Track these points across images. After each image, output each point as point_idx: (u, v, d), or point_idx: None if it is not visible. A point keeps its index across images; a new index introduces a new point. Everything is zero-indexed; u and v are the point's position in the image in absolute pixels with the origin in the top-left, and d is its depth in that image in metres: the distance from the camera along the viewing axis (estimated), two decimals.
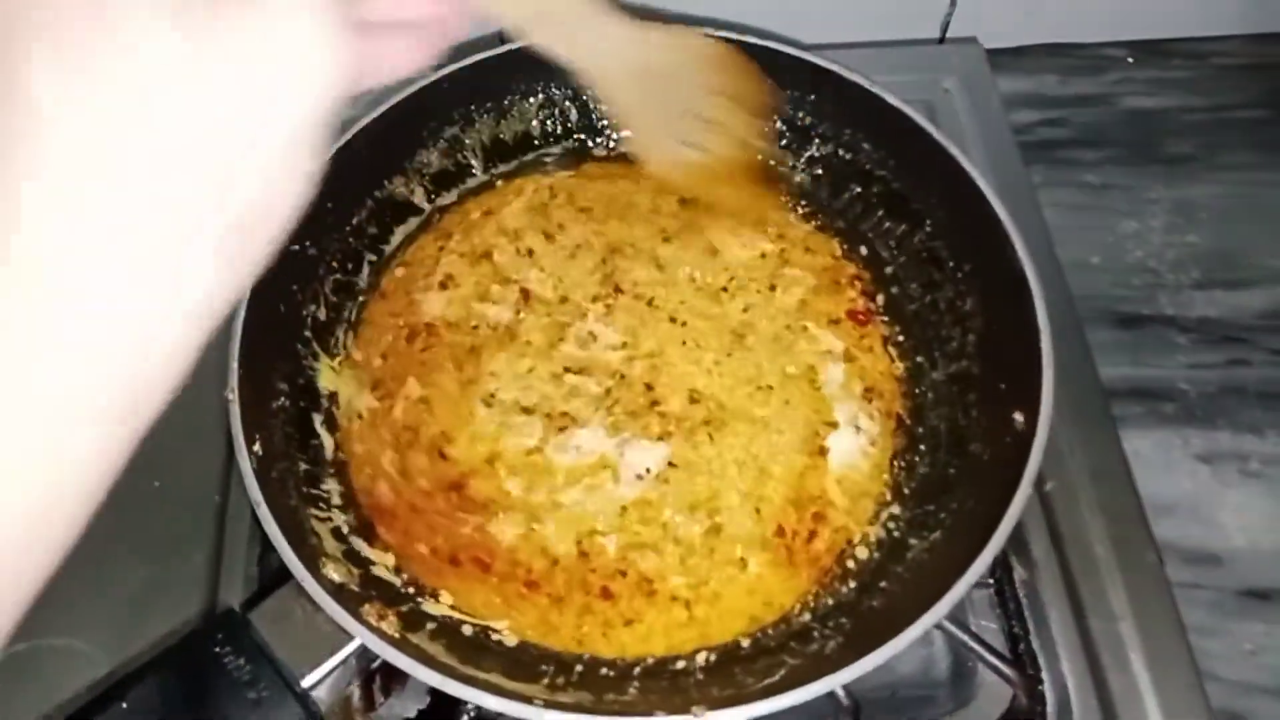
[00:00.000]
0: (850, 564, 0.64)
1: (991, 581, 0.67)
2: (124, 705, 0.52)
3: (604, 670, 0.59)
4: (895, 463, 0.68)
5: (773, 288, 0.74)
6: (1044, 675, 0.63)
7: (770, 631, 0.62)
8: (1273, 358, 0.80)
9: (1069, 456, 0.70)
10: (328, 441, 0.67)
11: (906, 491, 0.66)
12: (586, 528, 0.64)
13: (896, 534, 0.64)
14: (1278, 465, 0.75)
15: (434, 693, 0.65)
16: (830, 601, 0.62)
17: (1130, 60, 0.98)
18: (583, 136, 0.82)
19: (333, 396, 0.69)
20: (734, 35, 0.75)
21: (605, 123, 0.81)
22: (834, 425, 0.68)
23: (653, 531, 0.64)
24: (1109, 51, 0.98)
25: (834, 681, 0.52)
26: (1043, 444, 0.57)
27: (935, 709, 0.65)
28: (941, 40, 0.94)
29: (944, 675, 0.67)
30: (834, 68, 0.73)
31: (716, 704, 0.51)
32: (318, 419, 0.68)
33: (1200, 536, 0.72)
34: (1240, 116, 0.94)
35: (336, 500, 0.65)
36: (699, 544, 0.64)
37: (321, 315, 0.70)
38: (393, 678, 0.65)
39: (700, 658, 0.60)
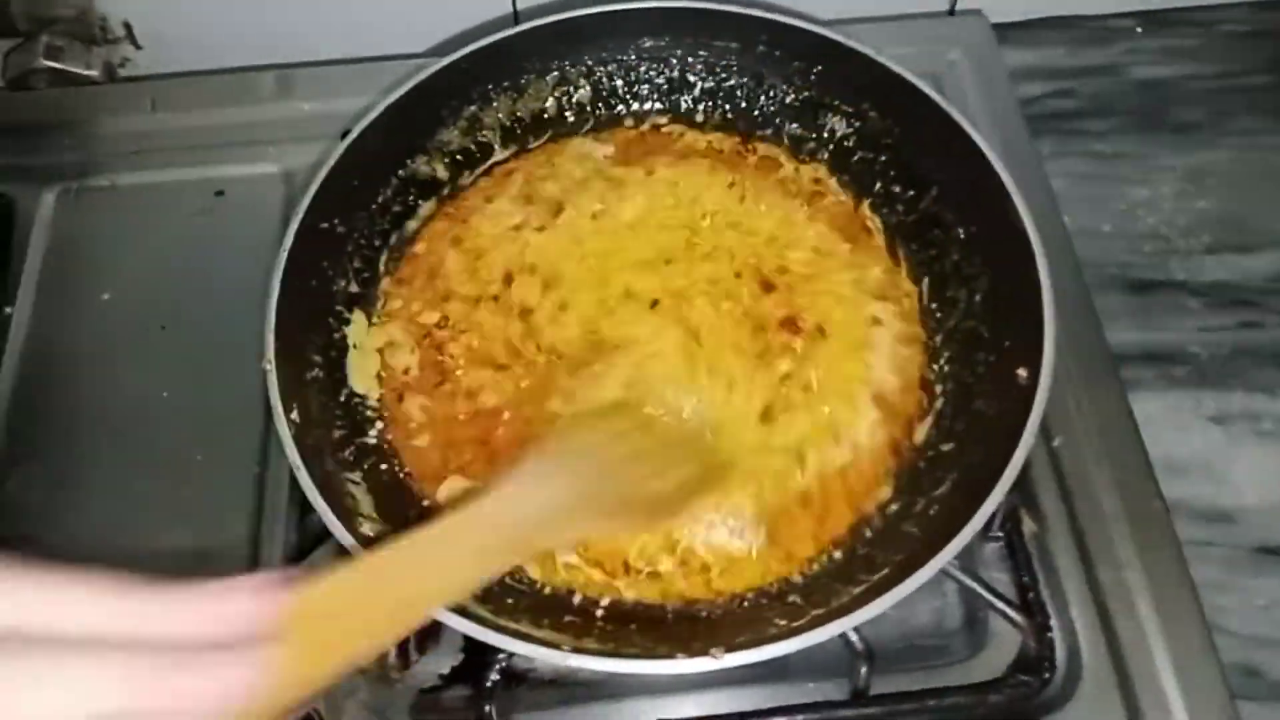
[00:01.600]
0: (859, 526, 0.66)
1: (1001, 535, 0.68)
2: None
3: (626, 614, 0.62)
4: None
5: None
6: (1053, 622, 0.65)
7: (787, 583, 0.64)
8: None
9: (1076, 413, 0.72)
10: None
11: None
12: None
13: (905, 490, 0.66)
14: None
15: (466, 649, 0.68)
16: (841, 556, 0.65)
17: (1138, 30, 0.99)
18: (598, 114, 0.84)
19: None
20: (742, 9, 0.78)
21: (618, 101, 0.84)
22: None
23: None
24: (1116, 22, 0.99)
25: (846, 624, 0.54)
26: (1045, 393, 0.59)
27: (948, 658, 0.67)
28: (950, 14, 0.96)
29: (957, 626, 0.69)
30: (840, 39, 0.75)
31: (734, 646, 0.54)
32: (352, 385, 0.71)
33: (1213, 495, 0.74)
34: (1247, 83, 0.95)
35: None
36: None
37: (352, 289, 0.73)
38: (427, 636, 0.68)
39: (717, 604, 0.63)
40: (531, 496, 0.50)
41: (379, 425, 0.70)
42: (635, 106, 0.84)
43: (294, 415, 0.62)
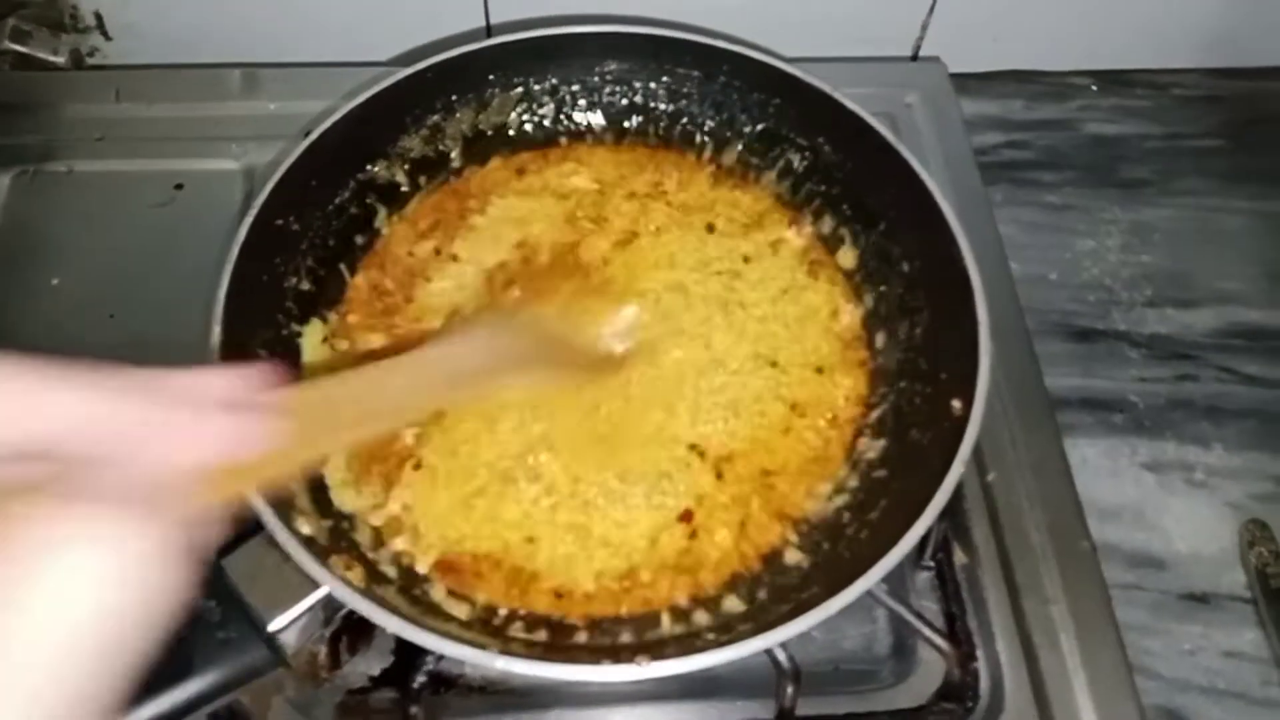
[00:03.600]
0: (791, 541, 0.66)
1: (933, 564, 0.70)
2: None
3: (555, 624, 0.62)
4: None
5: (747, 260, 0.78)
6: (978, 651, 0.66)
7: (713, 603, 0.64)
8: (1219, 374, 0.84)
9: (1011, 451, 0.73)
10: None
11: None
12: None
13: (836, 515, 0.67)
14: (1221, 476, 0.79)
15: (396, 652, 0.68)
16: (770, 577, 0.65)
17: (1094, 88, 1.02)
18: (559, 132, 0.84)
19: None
20: (706, 39, 0.79)
21: (580, 119, 0.84)
22: None
23: None
24: (1074, 80, 1.03)
25: (773, 639, 0.54)
26: (978, 424, 0.60)
27: (875, 683, 0.68)
28: (913, 59, 0.99)
29: (885, 652, 0.70)
30: (799, 74, 0.76)
31: (659, 655, 0.54)
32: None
33: (1143, 541, 0.75)
34: (1195, 145, 0.98)
35: None
36: None
37: (304, 286, 0.72)
38: (358, 637, 0.67)
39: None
40: (483, 346, 0.60)
41: None
42: (596, 127, 0.84)
43: None
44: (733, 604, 0.63)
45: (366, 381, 0.48)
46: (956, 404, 0.63)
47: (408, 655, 0.65)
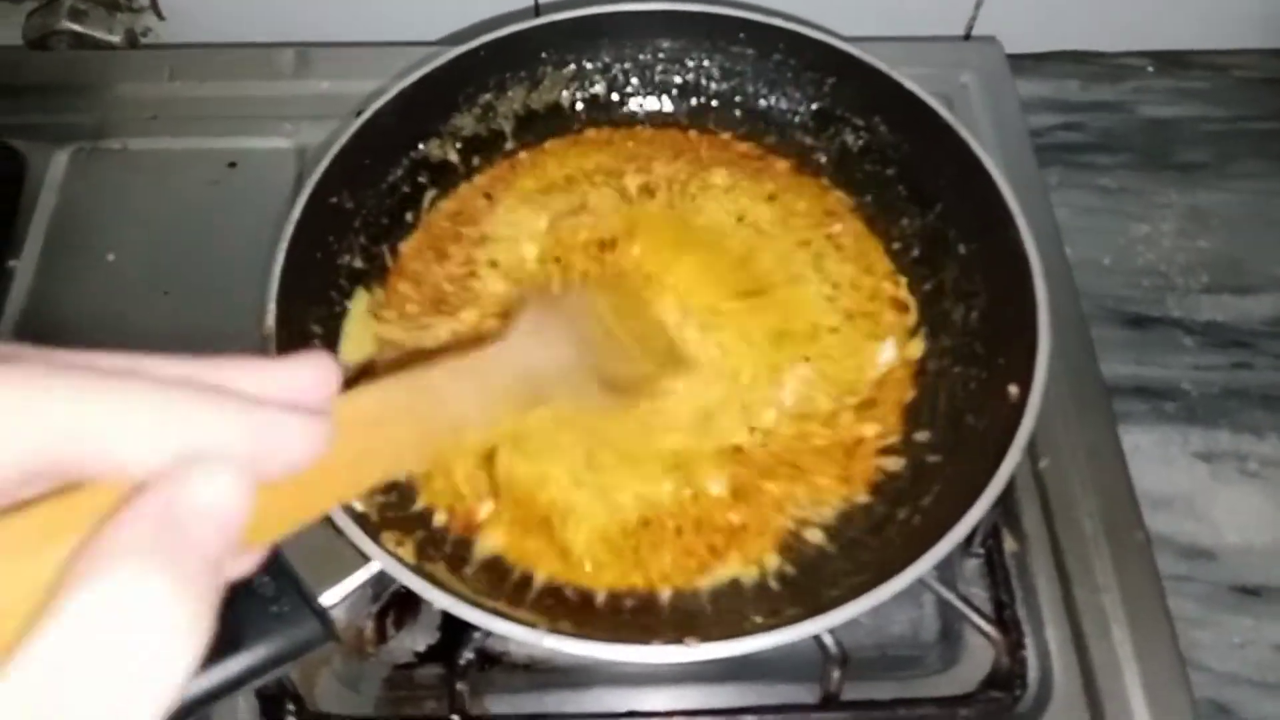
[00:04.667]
0: (840, 530, 0.66)
1: (982, 551, 0.69)
2: None
3: (603, 604, 0.62)
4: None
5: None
6: (1027, 640, 0.65)
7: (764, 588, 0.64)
8: (1276, 362, 0.82)
9: (1065, 438, 0.72)
10: None
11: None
12: None
13: (889, 501, 0.66)
14: (1276, 467, 0.77)
15: (443, 628, 0.68)
16: (821, 559, 0.65)
17: (1151, 70, 1.00)
18: (611, 110, 0.84)
19: None
20: (761, 18, 0.78)
21: (632, 97, 0.84)
22: None
23: None
24: (1131, 60, 1.01)
25: (821, 624, 0.54)
26: (1035, 411, 0.59)
27: (922, 669, 0.67)
28: (966, 38, 0.97)
29: (933, 638, 0.69)
30: (856, 53, 0.76)
31: (707, 637, 0.54)
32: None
33: (1195, 532, 0.74)
34: (1255, 128, 0.96)
35: None
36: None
37: (357, 264, 0.73)
38: (405, 611, 0.68)
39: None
40: (535, 350, 0.52)
41: None
42: (649, 106, 0.84)
43: None
44: (776, 585, 0.63)
45: (421, 389, 0.39)
46: (1013, 390, 0.62)
47: (454, 631, 0.66)
